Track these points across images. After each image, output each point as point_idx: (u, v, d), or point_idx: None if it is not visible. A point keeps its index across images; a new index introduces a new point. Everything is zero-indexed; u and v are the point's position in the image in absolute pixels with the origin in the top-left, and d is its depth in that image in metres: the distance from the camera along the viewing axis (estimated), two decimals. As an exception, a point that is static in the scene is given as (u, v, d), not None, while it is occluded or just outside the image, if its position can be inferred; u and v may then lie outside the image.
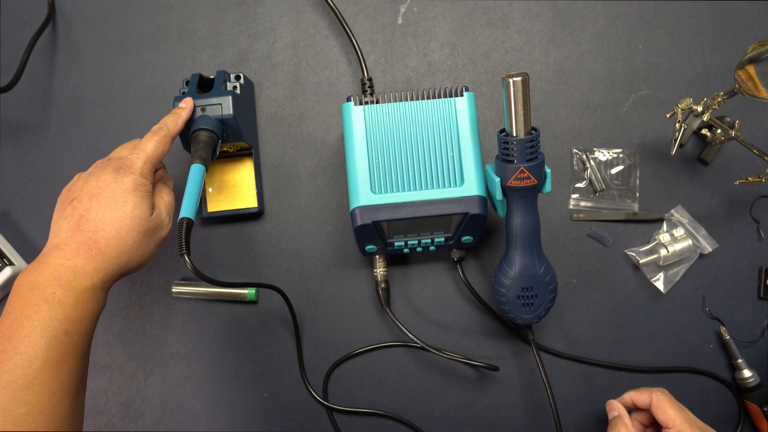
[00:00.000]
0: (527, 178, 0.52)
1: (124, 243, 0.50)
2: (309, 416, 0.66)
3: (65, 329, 0.45)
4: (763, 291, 0.66)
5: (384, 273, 0.65)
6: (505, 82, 0.49)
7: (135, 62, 0.72)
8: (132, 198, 0.50)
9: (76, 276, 0.47)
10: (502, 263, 0.59)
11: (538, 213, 0.56)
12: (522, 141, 0.51)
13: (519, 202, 0.55)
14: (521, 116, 0.50)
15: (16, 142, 0.71)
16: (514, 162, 0.52)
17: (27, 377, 0.43)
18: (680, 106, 0.62)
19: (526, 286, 0.58)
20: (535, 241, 0.57)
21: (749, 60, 0.56)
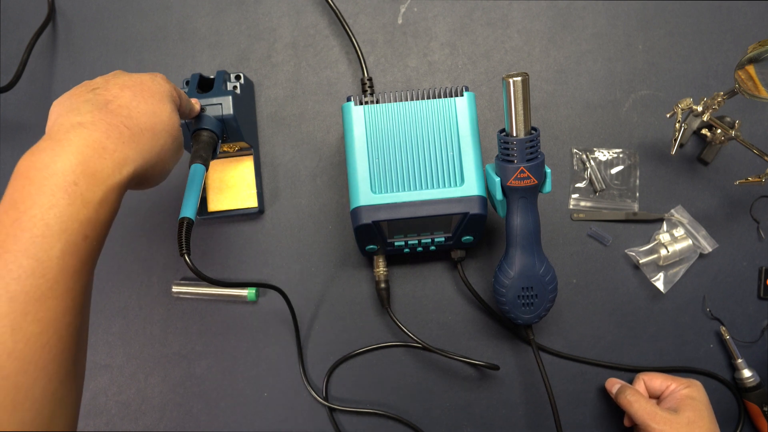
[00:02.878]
0: (527, 178, 0.52)
1: (158, 140, 0.42)
2: (309, 416, 0.66)
3: (85, 233, 0.37)
4: (763, 291, 0.66)
5: (384, 273, 0.65)
6: (505, 82, 0.49)
7: (135, 62, 0.72)
8: (169, 102, 0.45)
9: (104, 164, 0.38)
10: (502, 263, 0.59)
11: (538, 213, 0.56)
12: (522, 141, 0.51)
13: (519, 202, 0.55)
14: (521, 116, 0.50)
15: (16, 142, 0.71)
16: (514, 162, 0.52)
17: (40, 288, 0.34)
18: (680, 106, 0.62)
19: (526, 285, 0.58)
20: (535, 241, 0.57)
21: (749, 60, 0.56)
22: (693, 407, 0.56)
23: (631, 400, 0.58)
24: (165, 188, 0.69)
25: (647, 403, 0.57)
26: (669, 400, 0.59)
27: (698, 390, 0.58)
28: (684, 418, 0.56)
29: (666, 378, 0.60)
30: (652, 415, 0.56)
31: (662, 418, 0.56)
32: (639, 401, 0.57)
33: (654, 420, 0.56)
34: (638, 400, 0.58)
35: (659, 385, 0.60)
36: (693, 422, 0.55)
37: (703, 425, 0.56)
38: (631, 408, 0.58)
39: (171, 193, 0.69)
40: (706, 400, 0.58)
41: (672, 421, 0.55)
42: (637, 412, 0.57)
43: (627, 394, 0.59)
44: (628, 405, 0.58)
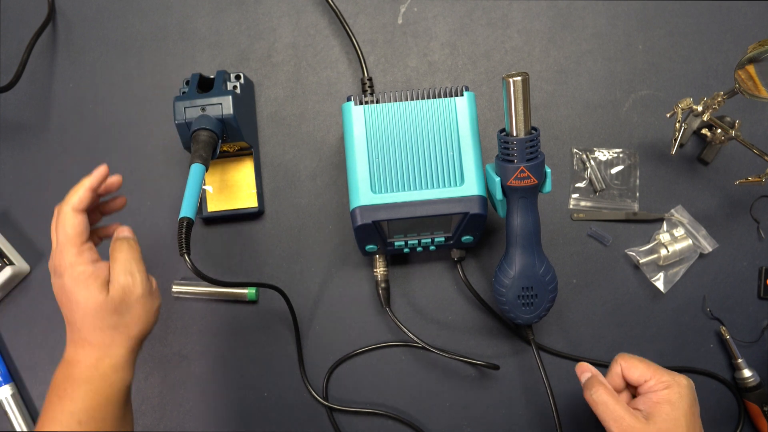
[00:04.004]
0: (527, 178, 0.52)
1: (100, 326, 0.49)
2: (309, 416, 0.66)
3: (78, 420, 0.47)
4: (763, 291, 0.66)
5: (384, 273, 0.65)
6: (505, 81, 0.49)
7: (135, 62, 0.72)
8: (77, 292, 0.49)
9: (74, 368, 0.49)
10: (502, 263, 0.59)
11: (538, 213, 0.56)
12: (522, 141, 0.51)
13: (519, 202, 0.55)
14: (521, 116, 0.50)
15: (16, 142, 0.71)
16: (514, 162, 0.52)
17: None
18: (680, 106, 0.62)
19: (526, 285, 0.57)
20: (536, 241, 0.57)
21: (749, 60, 0.56)
22: (668, 416, 0.49)
23: (596, 400, 0.51)
24: (165, 188, 0.69)
25: (615, 405, 0.50)
26: (644, 400, 0.52)
27: (679, 393, 0.50)
28: (653, 428, 0.49)
29: (647, 368, 0.52)
30: (617, 421, 0.50)
31: (627, 426, 0.49)
32: (606, 402, 0.51)
33: (617, 425, 0.49)
34: (606, 401, 0.51)
35: (638, 377, 0.53)
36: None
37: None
38: (596, 408, 0.51)
39: (171, 193, 0.69)
40: (686, 406, 0.50)
41: (638, 429, 0.49)
42: (603, 414, 0.51)
43: (594, 392, 0.52)
44: (593, 405, 0.52)
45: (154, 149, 0.70)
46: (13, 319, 0.68)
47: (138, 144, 0.70)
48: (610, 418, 0.50)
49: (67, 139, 0.71)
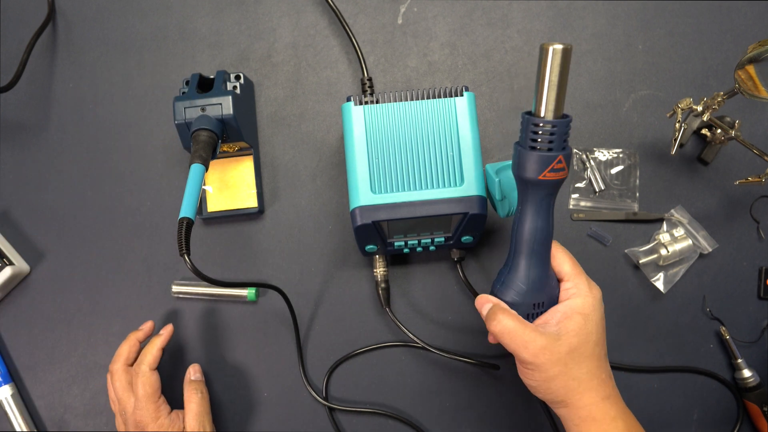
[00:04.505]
0: (562, 170, 0.44)
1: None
2: (309, 416, 0.66)
3: None
4: (763, 291, 0.66)
5: (384, 273, 0.65)
6: (544, 49, 0.41)
7: (135, 62, 0.72)
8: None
9: None
10: (508, 275, 0.50)
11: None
12: (563, 123, 0.43)
13: (543, 201, 0.47)
14: (562, 93, 0.42)
15: (16, 142, 0.71)
16: (551, 150, 0.43)
17: None
18: (680, 106, 0.62)
19: (538, 302, 0.49)
20: (549, 249, 0.49)
21: (749, 60, 0.56)
22: (581, 329, 0.46)
23: (501, 329, 0.46)
24: (165, 188, 0.69)
25: (524, 329, 0.46)
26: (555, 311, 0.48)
27: (593, 304, 0.47)
28: (564, 345, 0.45)
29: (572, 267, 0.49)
30: (527, 346, 0.45)
31: (538, 349, 0.45)
32: (513, 329, 0.46)
33: (527, 350, 0.45)
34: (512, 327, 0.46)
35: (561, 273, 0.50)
36: (575, 350, 0.46)
37: (587, 351, 0.46)
38: (503, 338, 0.47)
39: (170, 193, 0.69)
40: (597, 318, 0.47)
41: (549, 351, 0.45)
42: (511, 342, 0.46)
43: (497, 321, 0.47)
44: (499, 335, 0.47)
45: (154, 149, 0.70)
46: (13, 319, 0.68)
47: (138, 144, 0.70)
48: (520, 345, 0.46)
49: (67, 139, 0.71)
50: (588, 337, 0.46)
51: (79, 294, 0.68)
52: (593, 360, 0.46)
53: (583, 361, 0.46)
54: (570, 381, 0.46)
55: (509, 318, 0.47)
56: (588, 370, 0.46)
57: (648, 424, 0.62)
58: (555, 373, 0.46)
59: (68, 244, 0.69)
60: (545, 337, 0.46)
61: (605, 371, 0.48)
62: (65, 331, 0.68)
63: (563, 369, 0.46)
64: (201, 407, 0.61)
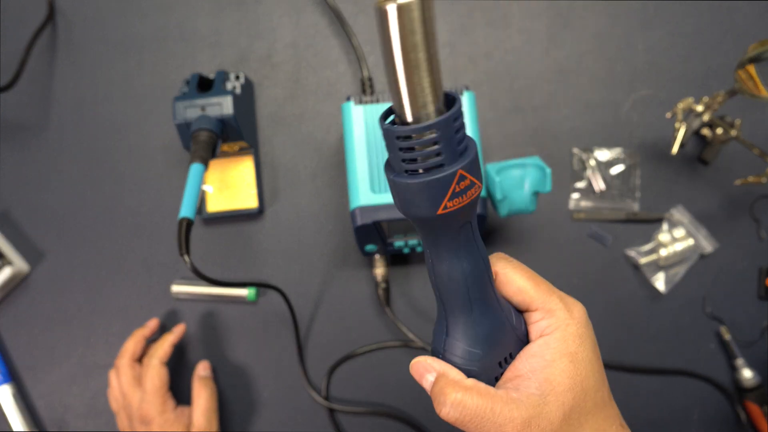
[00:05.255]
0: (470, 186, 0.28)
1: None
2: (309, 416, 0.66)
3: None
4: (763, 291, 0.66)
5: (384, 273, 0.65)
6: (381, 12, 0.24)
7: (135, 62, 0.72)
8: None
9: None
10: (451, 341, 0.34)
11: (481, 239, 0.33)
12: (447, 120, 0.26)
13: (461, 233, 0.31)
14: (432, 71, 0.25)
15: (16, 142, 0.71)
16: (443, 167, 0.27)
17: None
18: (680, 106, 0.62)
19: (503, 358, 0.34)
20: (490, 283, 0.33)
21: (749, 60, 0.56)
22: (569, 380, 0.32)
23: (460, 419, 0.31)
24: (164, 188, 0.69)
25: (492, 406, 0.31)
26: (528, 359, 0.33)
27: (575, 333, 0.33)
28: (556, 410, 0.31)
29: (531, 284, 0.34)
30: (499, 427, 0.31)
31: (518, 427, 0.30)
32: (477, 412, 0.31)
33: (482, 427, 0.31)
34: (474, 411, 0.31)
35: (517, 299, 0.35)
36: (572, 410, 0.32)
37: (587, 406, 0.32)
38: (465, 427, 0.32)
39: (170, 193, 0.69)
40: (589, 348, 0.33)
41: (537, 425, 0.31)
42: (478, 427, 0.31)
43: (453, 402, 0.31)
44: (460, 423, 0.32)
45: (154, 149, 0.70)
46: (13, 319, 0.68)
47: (138, 144, 0.70)
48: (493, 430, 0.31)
49: (67, 139, 0.71)
50: (584, 384, 0.32)
51: (79, 294, 0.68)
52: (597, 412, 0.33)
53: (584, 420, 0.32)
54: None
55: (468, 395, 0.31)
56: (594, 429, 0.32)
57: (648, 424, 0.62)
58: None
59: (68, 244, 0.69)
60: (526, 407, 0.31)
61: (614, 420, 0.34)
62: (65, 331, 0.68)
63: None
64: (209, 403, 0.61)
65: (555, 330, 0.33)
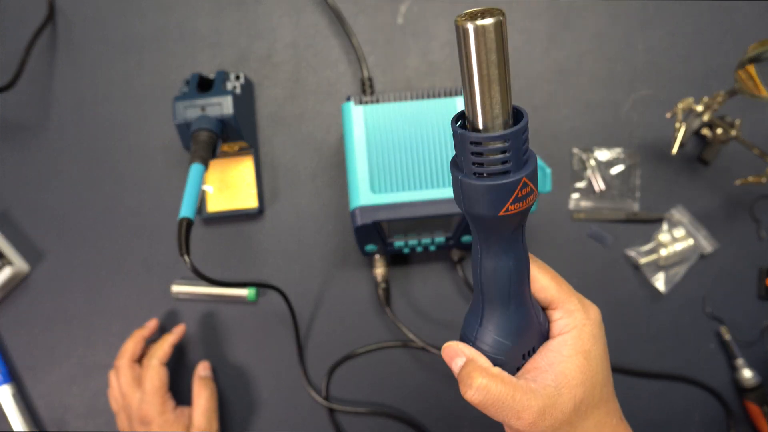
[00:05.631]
0: (530, 193, 0.31)
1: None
2: (309, 416, 0.66)
3: None
4: (763, 291, 0.66)
5: (384, 273, 0.65)
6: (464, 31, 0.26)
7: (135, 62, 0.72)
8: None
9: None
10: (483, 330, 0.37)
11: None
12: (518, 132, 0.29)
13: (513, 237, 0.34)
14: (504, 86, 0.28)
15: (16, 142, 0.71)
16: (507, 173, 0.30)
17: None
18: (680, 106, 0.62)
19: (526, 351, 0.38)
20: (528, 284, 0.37)
21: (749, 60, 0.56)
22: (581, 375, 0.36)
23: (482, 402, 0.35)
24: (164, 188, 0.69)
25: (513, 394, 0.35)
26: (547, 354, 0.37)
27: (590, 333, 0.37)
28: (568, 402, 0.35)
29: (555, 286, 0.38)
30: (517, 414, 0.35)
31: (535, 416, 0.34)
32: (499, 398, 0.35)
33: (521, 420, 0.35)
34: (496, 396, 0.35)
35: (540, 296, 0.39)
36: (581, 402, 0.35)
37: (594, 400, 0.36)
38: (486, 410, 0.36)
39: (170, 193, 0.69)
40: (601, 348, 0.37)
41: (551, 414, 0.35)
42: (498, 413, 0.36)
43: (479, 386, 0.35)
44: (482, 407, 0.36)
45: (154, 149, 0.70)
46: (13, 319, 0.68)
47: (138, 144, 0.70)
48: (511, 415, 0.35)
49: (67, 139, 0.71)
50: (594, 380, 0.36)
51: (79, 294, 0.68)
52: (601, 406, 0.37)
53: (590, 412, 0.36)
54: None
55: (493, 382, 0.35)
56: (597, 420, 0.36)
57: (649, 425, 0.62)
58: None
59: (68, 244, 0.69)
60: (543, 397, 0.35)
61: (615, 413, 0.38)
62: (65, 331, 0.68)
63: (569, 429, 0.35)
64: (210, 403, 0.61)
65: (572, 329, 0.37)
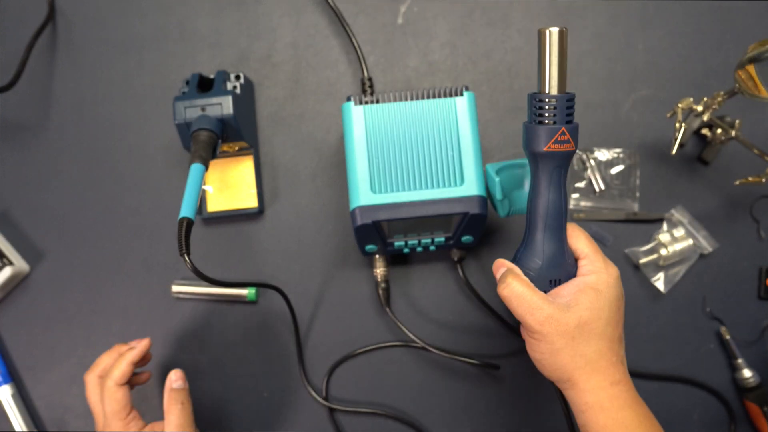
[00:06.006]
0: (567, 142, 0.44)
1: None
2: (309, 416, 0.66)
3: None
4: (763, 291, 0.66)
5: (384, 273, 0.65)
6: (541, 33, 0.43)
7: (135, 62, 0.72)
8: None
9: None
10: (523, 252, 0.49)
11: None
12: (563, 98, 0.44)
13: (553, 174, 0.46)
14: (560, 71, 0.44)
15: (16, 142, 0.71)
16: (553, 123, 0.44)
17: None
18: (680, 105, 0.62)
19: (554, 278, 0.48)
20: (565, 223, 0.48)
21: (749, 60, 0.56)
22: (591, 304, 0.44)
23: (509, 294, 0.45)
24: (164, 188, 0.69)
25: (532, 295, 0.44)
26: (569, 286, 0.47)
27: (607, 282, 0.45)
28: (574, 318, 0.44)
29: (588, 245, 0.48)
30: (533, 313, 0.44)
31: (545, 317, 0.43)
32: (521, 294, 0.44)
33: (534, 317, 0.44)
34: (520, 292, 0.45)
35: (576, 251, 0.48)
36: (585, 324, 0.44)
37: (597, 329, 0.44)
38: (510, 303, 0.45)
39: (170, 193, 0.69)
40: (611, 296, 0.45)
41: (557, 321, 0.43)
42: (518, 307, 0.45)
43: (506, 285, 0.45)
44: (507, 300, 0.45)
45: (154, 149, 0.70)
46: (13, 319, 0.68)
47: (138, 144, 0.70)
48: (526, 311, 0.44)
49: (67, 139, 0.71)
50: (599, 313, 0.44)
51: (79, 294, 0.68)
52: (604, 340, 0.44)
53: (592, 338, 0.44)
54: (577, 357, 0.43)
55: (519, 283, 0.45)
56: (597, 349, 0.44)
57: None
58: (561, 346, 0.44)
59: (68, 244, 0.69)
60: (554, 306, 0.44)
61: (617, 355, 0.45)
62: (65, 331, 0.68)
63: (570, 342, 0.43)
64: (182, 419, 0.56)
65: (592, 273, 0.46)
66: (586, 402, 0.44)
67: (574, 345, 0.43)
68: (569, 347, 0.43)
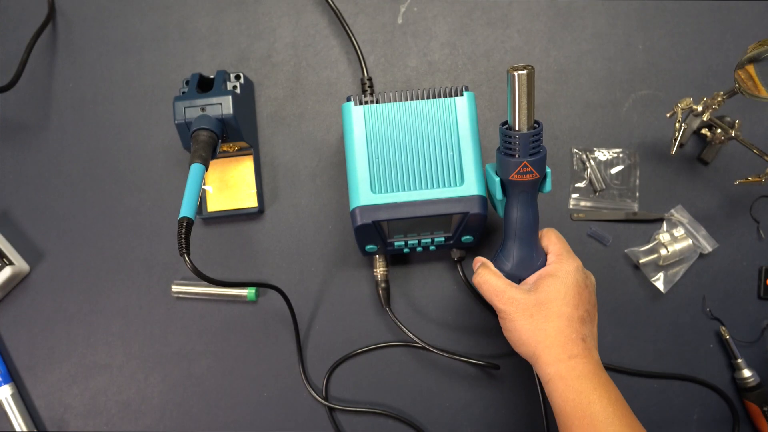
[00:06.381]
0: (529, 173, 0.50)
1: None
2: (309, 416, 0.66)
3: None
4: (763, 291, 0.66)
5: (384, 273, 0.65)
6: (510, 75, 0.47)
7: (135, 62, 0.72)
8: None
9: None
10: (499, 254, 0.56)
11: (537, 207, 0.55)
12: (526, 135, 0.49)
13: (520, 197, 0.53)
14: (525, 110, 0.48)
15: (16, 142, 0.71)
16: (516, 156, 0.50)
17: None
18: (680, 105, 0.62)
19: (523, 277, 0.55)
20: (534, 235, 0.55)
21: (749, 60, 0.56)
22: (549, 287, 0.51)
23: (479, 281, 0.54)
24: (164, 188, 0.69)
25: (497, 281, 0.53)
26: (535, 275, 0.54)
27: (565, 269, 0.52)
28: (532, 299, 0.51)
29: (556, 243, 0.55)
30: (498, 295, 0.52)
31: (507, 298, 0.51)
32: (488, 280, 0.53)
33: (498, 298, 0.52)
34: (487, 279, 0.53)
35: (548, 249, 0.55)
36: (542, 304, 0.51)
37: (554, 308, 0.50)
38: (481, 289, 0.53)
39: (170, 193, 0.69)
40: (570, 282, 0.51)
41: (518, 301, 0.51)
42: (486, 292, 0.53)
43: (477, 274, 0.54)
44: (479, 287, 0.54)
45: (154, 149, 0.70)
46: (13, 319, 0.68)
47: (138, 144, 0.70)
48: (494, 293, 0.52)
49: (67, 139, 0.71)
50: (556, 294, 0.51)
51: (79, 294, 0.68)
52: (562, 318, 0.50)
53: (550, 316, 0.50)
54: (537, 332, 0.50)
55: (489, 273, 0.54)
56: (556, 326, 0.50)
57: (648, 424, 0.62)
58: (523, 323, 0.51)
59: (68, 244, 0.69)
60: (516, 289, 0.52)
61: (576, 332, 0.50)
62: (65, 331, 0.68)
63: (530, 320, 0.50)
64: None
65: (553, 263, 0.53)
66: (548, 373, 0.49)
67: (533, 322, 0.50)
68: (529, 323, 0.50)
